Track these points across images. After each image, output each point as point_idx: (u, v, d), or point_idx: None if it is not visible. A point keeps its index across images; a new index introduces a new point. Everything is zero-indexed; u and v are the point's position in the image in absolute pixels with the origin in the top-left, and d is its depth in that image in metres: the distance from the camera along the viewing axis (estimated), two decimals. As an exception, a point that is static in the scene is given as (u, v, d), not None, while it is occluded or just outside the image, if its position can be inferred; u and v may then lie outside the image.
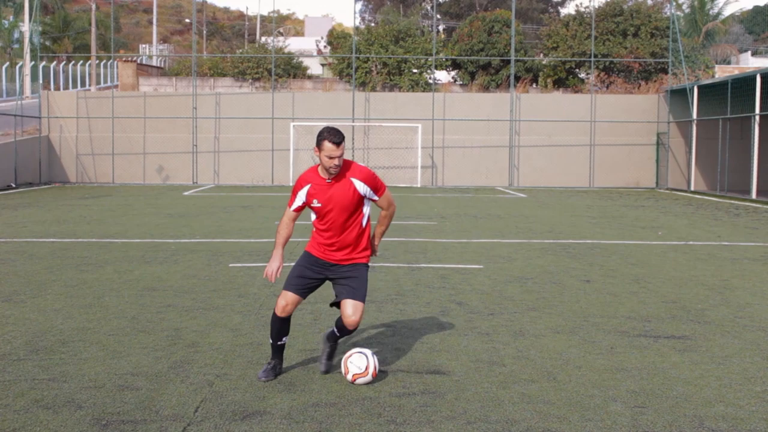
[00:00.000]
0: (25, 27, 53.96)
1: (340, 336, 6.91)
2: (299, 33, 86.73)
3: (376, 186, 6.74)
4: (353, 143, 37.43)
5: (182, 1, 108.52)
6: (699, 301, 10.32)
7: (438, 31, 56.27)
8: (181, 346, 7.70)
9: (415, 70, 44.79)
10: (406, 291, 10.76)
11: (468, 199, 29.24)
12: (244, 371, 6.91)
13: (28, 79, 48.08)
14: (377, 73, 44.61)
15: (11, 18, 66.58)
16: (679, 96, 37.09)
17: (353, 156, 37.37)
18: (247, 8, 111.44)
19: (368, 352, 6.67)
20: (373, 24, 67.14)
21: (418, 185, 36.74)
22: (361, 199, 6.68)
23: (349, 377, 6.55)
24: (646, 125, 38.02)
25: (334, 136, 6.47)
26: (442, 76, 50.53)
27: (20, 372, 6.85)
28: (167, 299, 10.04)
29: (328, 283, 6.96)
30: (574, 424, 5.71)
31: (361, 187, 6.64)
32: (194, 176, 37.66)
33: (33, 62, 46.72)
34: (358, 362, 6.56)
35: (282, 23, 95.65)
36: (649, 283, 11.61)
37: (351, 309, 6.64)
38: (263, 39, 67.13)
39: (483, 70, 46.21)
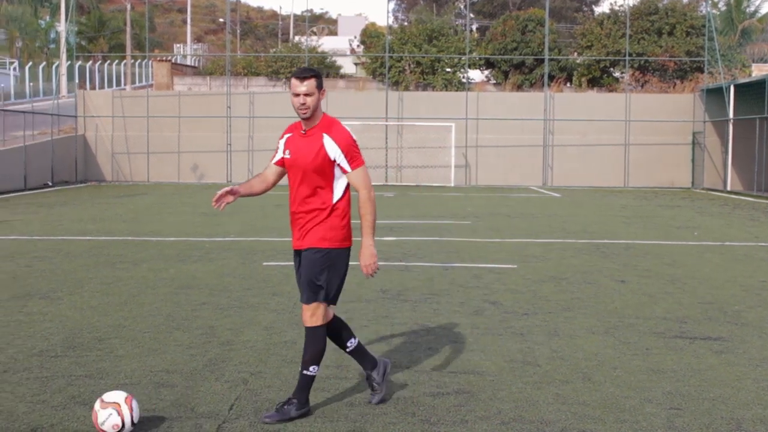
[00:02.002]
0: (62, 27, 54.50)
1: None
2: (332, 32, 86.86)
3: (352, 155, 5.71)
4: (387, 142, 37.43)
5: (216, 0, 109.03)
6: (736, 302, 10.21)
7: (471, 30, 56.12)
8: (215, 344, 7.74)
9: (448, 69, 44.75)
10: (440, 291, 10.75)
11: (501, 198, 29.15)
12: (279, 369, 6.93)
13: (64, 79, 48.57)
14: (410, 72, 44.61)
15: (48, 18, 67.25)
16: (715, 95, 36.73)
17: (386, 156, 37.39)
18: (280, 8, 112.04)
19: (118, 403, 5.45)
20: (406, 23, 67.08)
21: (452, 184, 36.68)
22: (328, 163, 5.68)
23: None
24: (682, 125, 37.68)
25: (300, 71, 5.68)
26: (476, 75, 50.41)
27: (58, 368, 6.92)
28: (202, 297, 10.10)
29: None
30: (609, 426, 5.67)
31: (331, 148, 5.66)
32: (228, 175, 37.84)
33: (69, 62, 47.18)
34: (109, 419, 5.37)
35: (315, 22, 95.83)
36: (684, 283, 11.51)
37: (304, 313, 5.82)
38: (297, 38, 67.28)
39: (516, 69, 46.07)
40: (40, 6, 67.83)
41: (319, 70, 6.00)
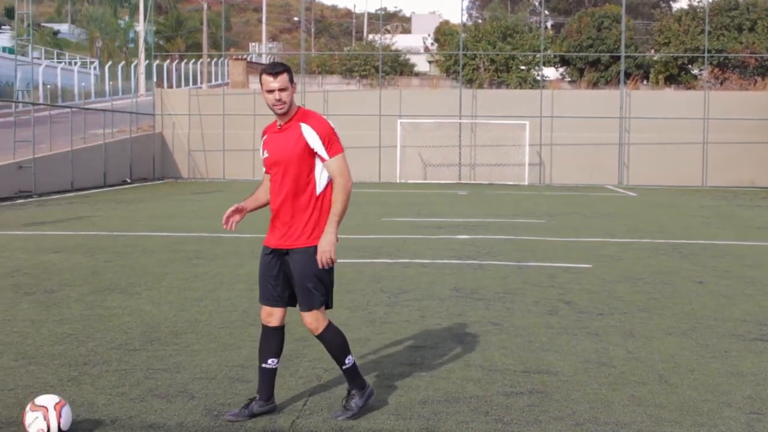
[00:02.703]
0: (140, 27, 55.52)
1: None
2: (406, 30, 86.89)
3: (330, 142, 5.50)
4: (460, 140, 37.33)
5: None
6: (818, 304, 9.96)
7: (546, 27, 55.67)
8: (290, 340, 7.78)
9: (522, 67, 44.47)
10: (513, 289, 10.68)
11: (576, 197, 28.87)
12: (352, 366, 6.96)
13: (142, 78, 49.45)
14: (484, 70, 44.42)
15: (127, 18, 68.60)
16: (798, 92, 35.84)
17: (460, 154, 37.29)
18: (354, 6, 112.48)
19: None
20: (480, 21, 66.84)
21: (525, 183, 36.42)
22: (309, 153, 5.48)
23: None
24: (763, 123, 36.79)
25: (271, 66, 5.51)
26: (550, 72, 49.98)
27: (136, 362, 7.05)
28: (276, 294, 10.17)
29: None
30: (686, 429, 5.57)
31: (310, 135, 5.47)
32: (302, 172, 38.03)
33: (147, 61, 48.01)
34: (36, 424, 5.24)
35: (389, 21, 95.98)
36: (765, 285, 11.26)
37: (306, 325, 5.66)
38: (370, 36, 67.53)
39: (592, 66, 45.57)
40: (120, 6, 69.25)
41: (288, 65, 5.72)
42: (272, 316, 5.69)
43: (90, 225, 18.11)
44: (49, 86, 42.92)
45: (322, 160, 5.50)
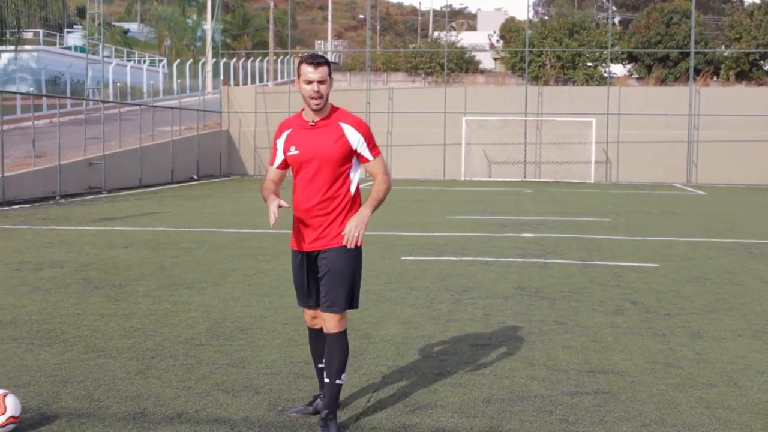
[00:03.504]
0: (208, 26, 56.18)
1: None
2: (472, 27, 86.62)
3: (372, 142, 5.36)
4: (526, 138, 37.11)
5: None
6: None
7: (613, 24, 55.01)
8: (354, 337, 7.82)
9: (589, 64, 44.03)
10: (579, 288, 10.58)
11: (643, 195, 28.49)
12: (416, 364, 6.96)
13: (209, 76, 50.07)
14: (551, 66, 44.06)
15: (195, 17, 69.49)
16: None
17: (525, 151, 37.07)
18: (419, 3, 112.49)
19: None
20: (546, 17, 66.33)
21: (592, 181, 36.06)
22: (350, 153, 5.30)
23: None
24: (837, 120, 35.94)
25: (311, 57, 5.22)
26: (618, 69, 49.40)
27: (202, 356, 7.13)
28: (340, 290, 10.21)
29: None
30: (756, 432, 5.47)
31: (353, 136, 5.28)
32: (366, 170, 38.14)
33: (214, 59, 48.57)
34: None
35: (454, 18, 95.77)
36: (839, 286, 11.00)
37: (325, 322, 5.41)
38: (436, 34, 67.41)
39: (660, 62, 44.93)
40: (188, 5, 70.18)
41: (328, 59, 5.39)
42: (316, 318, 5.57)
43: (157, 221, 18.38)
44: (118, 84, 43.69)
45: (365, 160, 5.35)
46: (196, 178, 35.18)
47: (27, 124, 27.78)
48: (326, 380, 5.39)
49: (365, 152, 5.32)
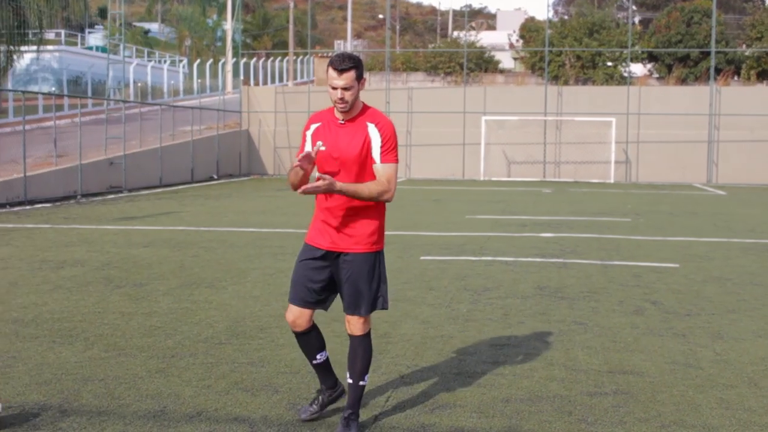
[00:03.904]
0: (228, 25, 56.33)
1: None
2: (491, 27, 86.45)
3: (388, 147, 5.18)
4: (545, 138, 37.02)
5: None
6: None
7: (634, 23, 54.77)
8: (373, 337, 7.76)
9: (609, 63, 43.81)
10: (598, 288, 10.56)
11: (663, 195, 28.37)
12: (435, 363, 6.97)
13: (229, 75, 50.21)
14: (570, 66, 43.90)
15: (215, 17, 69.72)
16: None
17: (545, 151, 36.98)
18: (439, 3, 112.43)
19: None
20: (566, 17, 66.11)
21: (611, 180, 35.93)
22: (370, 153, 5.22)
23: None
24: None
25: (339, 61, 5.06)
26: (638, 69, 49.14)
27: (222, 355, 7.16)
28: (360, 290, 10.22)
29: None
30: (777, 433, 5.45)
31: (375, 136, 5.17)
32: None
33: (234, 59, 48.70)
34: None
35: (474, 17, 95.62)
36: None
37: (349, 324, 5.40)
38: (455, 33, 67.32)
39: (681, 62, 44.67)
40: (208, 6, 70.38)
41: (358, 57, 5.16)
42: (301, 318, 5.45)
43: (178, 220, 18.46)
44: (139, 84, 43.89)
45: (372, 161, 5.19)
46: (216, 177, 35.29)
47: (49, 124, 28.00)
48: (349, 381, 5.39)
49: (375, 153, 5.17)
